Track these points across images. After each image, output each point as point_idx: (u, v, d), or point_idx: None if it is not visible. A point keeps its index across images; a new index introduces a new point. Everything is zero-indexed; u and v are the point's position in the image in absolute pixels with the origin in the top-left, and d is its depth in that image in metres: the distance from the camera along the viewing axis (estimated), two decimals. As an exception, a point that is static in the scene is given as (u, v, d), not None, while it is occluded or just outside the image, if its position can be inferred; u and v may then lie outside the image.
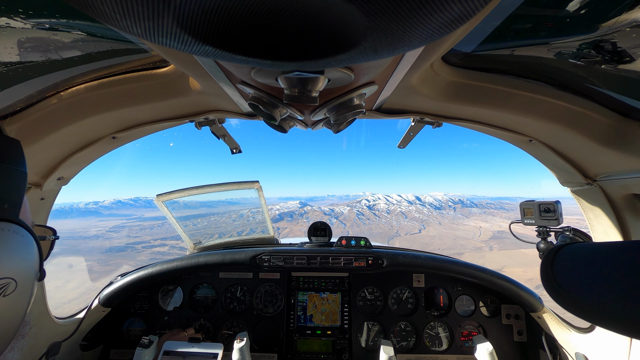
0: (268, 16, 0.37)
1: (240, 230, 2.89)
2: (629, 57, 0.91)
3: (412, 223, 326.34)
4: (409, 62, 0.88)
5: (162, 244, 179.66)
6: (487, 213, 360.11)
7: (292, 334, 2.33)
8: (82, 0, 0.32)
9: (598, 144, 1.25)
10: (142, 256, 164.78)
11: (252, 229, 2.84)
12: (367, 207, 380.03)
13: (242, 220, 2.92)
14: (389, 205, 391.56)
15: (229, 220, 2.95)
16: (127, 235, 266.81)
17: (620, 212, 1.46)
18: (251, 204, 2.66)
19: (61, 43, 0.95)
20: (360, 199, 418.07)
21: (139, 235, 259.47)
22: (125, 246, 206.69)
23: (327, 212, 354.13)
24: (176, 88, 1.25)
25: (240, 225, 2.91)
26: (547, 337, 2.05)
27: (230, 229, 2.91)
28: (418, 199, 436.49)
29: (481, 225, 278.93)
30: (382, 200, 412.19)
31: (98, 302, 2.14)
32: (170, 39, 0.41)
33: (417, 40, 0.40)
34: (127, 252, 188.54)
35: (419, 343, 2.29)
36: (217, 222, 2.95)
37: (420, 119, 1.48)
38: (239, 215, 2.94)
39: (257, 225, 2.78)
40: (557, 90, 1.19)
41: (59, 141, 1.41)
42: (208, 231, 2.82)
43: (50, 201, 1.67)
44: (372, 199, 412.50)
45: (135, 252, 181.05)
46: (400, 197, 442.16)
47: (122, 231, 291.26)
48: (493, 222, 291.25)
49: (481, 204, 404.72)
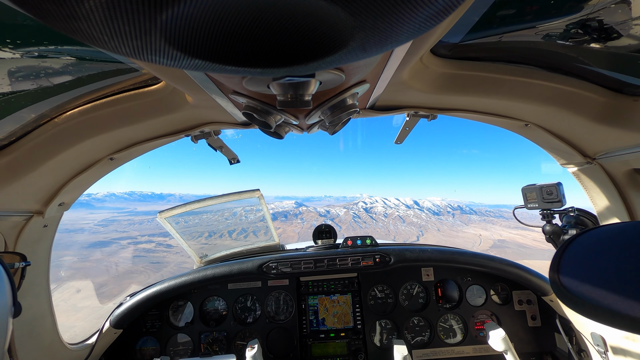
0: (255, 25, 0.37)
1: (238, 229, 2.86)
2: (616, 34, 0.91)
3: (409, 228, 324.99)
4: (398, 57, 0.89)
5: (149, 240, 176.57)
6: (487, 221, 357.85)
7: (306, 339, 2.32)
8: (69, 26, 0.33)
9: (594, 122, 1.25)
10: (127, 253, 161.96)
11: (254, 231, 2.82)
12: (364, 209, 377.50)
13: (235, 218, 2.90)
14: (387, 209, 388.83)
15: (223, 219, 2.92)
16: (115, 230, 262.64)
17: (622, 188, 1.46)
18: (246, 202, 2.63)
19: (51, 69, 0.96)
20: (358, 201, 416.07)
21: (127, 230, 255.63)
22: (110, 241, 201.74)
23: (323, 213, 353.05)
24: (169, 104, 1.25)
25: (233, 225, 2.88)
26: (562, 320, 2.05)
27: (229, 227, 2.89)
28: (416, 203, 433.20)
29: (481, 233, 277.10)
30: (380, 203, 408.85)
31: (109, 324, 2.13)
32: (160, 56, 0.41)
33: (404, 35, 0.40)
34: (111, 247, 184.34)
35: (433, 337, 2.28)
36: (212, 222, 2.90)
37: (414, 113, 1.48)
38: (232, 214, 2.91)
39: (256, 222, 2.76)
40: (548, 73, 1.19)
41: (57, 167, 1.41)
42: (211, 241, 2.81)
43: (53, 228, 1.67)
44: (370, 201, 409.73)
45: (119, 248, 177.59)
46: (398, 201, 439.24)
47: (111, 225, 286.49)
48: (493, 231, 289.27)
49: (480, 212, 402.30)
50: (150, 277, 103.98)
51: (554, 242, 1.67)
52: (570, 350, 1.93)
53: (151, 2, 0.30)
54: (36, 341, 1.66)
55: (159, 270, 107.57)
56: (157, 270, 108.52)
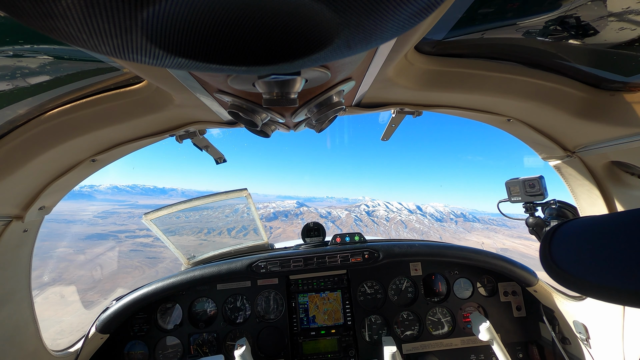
0: (239, 22, 0.37)
1: (224, 229, 2.83)
2: (593, 30, 0.94)
3: (412, 234, 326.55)
4: (383, 55, 0.89)
5: (147, 234, 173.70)
6: (490, 229, 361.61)
7: (297, 337, 2.32)
8: (45, 24, 0.32)
9: (573, 116, 1.29)
10: (123, 247, 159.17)
11: (244, 226, 2.80)
12: (365, 212, 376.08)
13: (223, 218, 2.87)
14: (389, 213, 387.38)
15: (210, 219, 2.89)
16: (114, 223, 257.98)
17: (600, 180, 1.51)
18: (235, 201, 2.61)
19: (28, 69, 0.93)
20: (360, 203, 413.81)
21: (126, 223, 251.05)
22: (108, 234, 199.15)
23: (324, 214, 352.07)
24: (152, 103, 1.23)
25: (222, 225, 2.84)
26: (545, 309, 2.11)
27: (218, 229, 2.86)
28: (419, 208, 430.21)
29: (484, 241, 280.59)
30: (382, 206, 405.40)
31: (95, 330, 2.09)
32: (141, 55, 0.40)
33: (388, 32, 0.41)
34: (108, 240, 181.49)
35: (422, 330, 2.31)
36: (199, 222, 2.87)
37: (400, 110, 1.49)
38: (219, 213, 2.88)
39: (245, 222, 2.74)
40: (529, 69, 1.22)
41: (37, 170, 1.37)
42: (199, 241, 2.78)
43: (33, 233, 1.62)
44: (372, 204, 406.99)
45: (116, 242, 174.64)
46: (400, 205, 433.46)
47: (110, 218, 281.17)
48: (496, 239, 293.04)
49: (483, 220, 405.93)
50: (144, 272, 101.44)
51: (537, 234, 1.72)
52: (554, 339, 1.99)
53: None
54: (19, 350, 1.61)
55: (155, 265, 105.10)
56: (153, 265, 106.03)
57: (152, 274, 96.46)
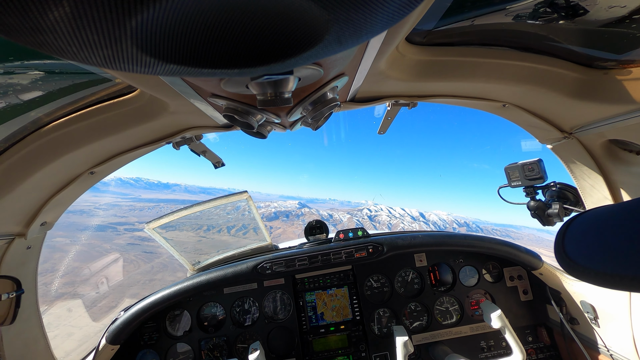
0: (229, 25, 0.37)
1: (229, 222, 2.82)
2: (582, 10, 0.94)
3: None
4: (374, 48, 0.89)
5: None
6: None
7: (307, 335, 2.33)
8: (34, 39, 0.31)
9: (568, 97, 1.29)
10: (120, 239, 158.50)
11: (244, 225, 2.79)
12: (367, 217, 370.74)
13: (225, 222, 2.87)
14: (391, 219, 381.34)
15: (212, 223, 2.88)
16: (114, 215, 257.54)
17: (599, 160, 1.51)
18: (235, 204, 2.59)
19: (20, 85, 0.93)
20: (362, 207, 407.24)
21: (126, 215, 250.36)
22: (107, 225, 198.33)
23: (325, 217, 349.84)
24: (147, 112, 1.22)
25: (224, 229, 2.83)
26: (552, 291, 2.11)
27: (220, 234, 2.84)
28: (422, 215, 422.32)
29: None
30: (385, 212, 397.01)
31: (105, 341, 2.09)
32: (133, 64, 0.40)
33: (378, 25, 0.40)
34: (106, 232, 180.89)
35: (431, 321, 2.32)
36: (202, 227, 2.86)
37: (395, 102, 1.49)
38: (220, 218, 2.87)
39: (247, 224, 2.74)
40: (521, 53, 1.22)
41: (36, 186, 1.36)
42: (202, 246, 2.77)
43: (37, 249, 1.62)
44: (375, 209, 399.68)
45: (114, 234, 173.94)
46: (403, 211, 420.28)
47: (111, 210, 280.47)
48: None
49: (487, 229, 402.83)
50: (139, 267, 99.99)
51: (539, 217, 1.72)
52: (562, 320, 2.00)
53: (119, 8, 0.29)
54: None
55: (151, 260, 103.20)
56: (149, 260, 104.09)
57: (146, 269, 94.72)
